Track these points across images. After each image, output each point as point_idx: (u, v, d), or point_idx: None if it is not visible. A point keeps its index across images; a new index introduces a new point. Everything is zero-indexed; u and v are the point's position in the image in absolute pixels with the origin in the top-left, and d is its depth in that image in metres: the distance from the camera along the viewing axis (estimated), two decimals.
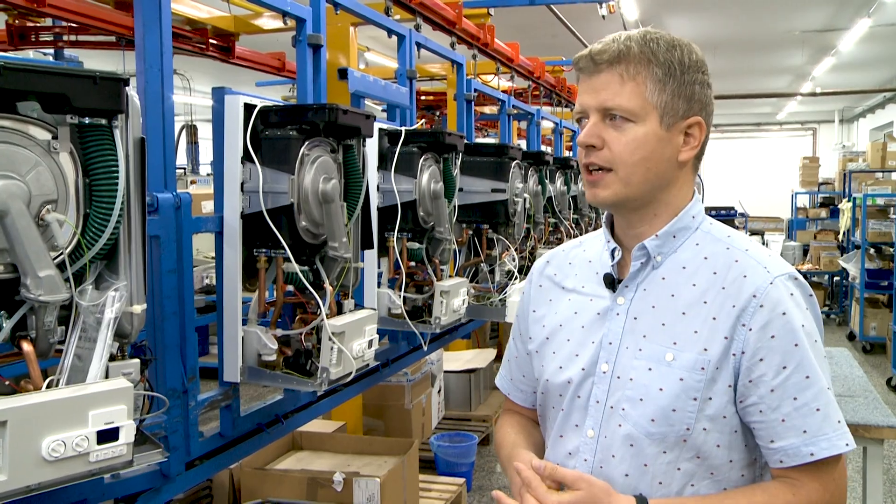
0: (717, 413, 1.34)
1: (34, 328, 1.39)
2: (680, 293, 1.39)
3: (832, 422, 1.31)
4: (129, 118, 1.47)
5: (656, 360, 1.37)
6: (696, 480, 1.37)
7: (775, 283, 1.34)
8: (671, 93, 1.36)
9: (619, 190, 1.39)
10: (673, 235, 1.42)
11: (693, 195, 1.47)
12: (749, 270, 1.36)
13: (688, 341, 1.36)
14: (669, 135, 1.38)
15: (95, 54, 5.44)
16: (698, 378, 1.34)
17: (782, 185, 18.96)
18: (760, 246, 1.44)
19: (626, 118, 1.36)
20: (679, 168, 1.41)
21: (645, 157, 1.37)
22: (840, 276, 11.10)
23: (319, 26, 2.55)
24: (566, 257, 1.61)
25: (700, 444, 1.35)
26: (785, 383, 1.31)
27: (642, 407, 1.37)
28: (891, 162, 11.23)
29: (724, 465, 1.37)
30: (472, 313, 3.36)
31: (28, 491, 1.30)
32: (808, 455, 1.30)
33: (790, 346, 1.31)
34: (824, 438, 1.30)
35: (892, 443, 5.62)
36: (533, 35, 9.65)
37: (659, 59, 1.36)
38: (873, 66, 14.49)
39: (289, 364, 2.11)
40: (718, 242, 1.42)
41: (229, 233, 2.06)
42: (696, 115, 1.39)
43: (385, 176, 2.74)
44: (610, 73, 1.37)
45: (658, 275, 1.42)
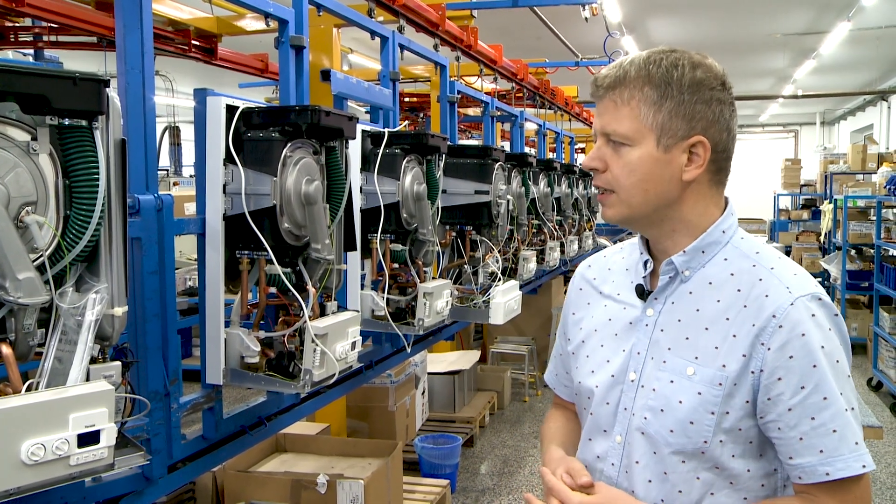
0: (732, 427, 1.37)
1: (13, 331, 1.38)
2: (705, 308, 1.42)
3: (849, 443, 1.32)
4: (110, 119, 1.46)
5: (678, 373, 1.40)
6: (716, 489, 1.40)
7: (796, 304, 1.35)
8: (668, 114, 1.38)
9: (622, 209, 1.44)
10: (702, 251, 1.45)
11: (724, 209, 1.48)
12: (771, 290, 1.38)
13: (708, 356, 1.38)
14: (668, 156, 1.39)
15: (76, 55, 5.41)
16: (716, 393, 1.36)
17: (764, 187, 19.12)
18: (788, 263, 1.44)
19: (623, 142, 1.40)
20: (685, 187, 1.42)
21: (642, 179, 1.40)
22: (821, 277, 11.18)
23: (302, 28, 2.55)
24: (606, 263, 1.65)
25: (718, 455, 1.38)
26: (803, 403, 1.33)
27: (663, 417, 1.41)
28: (871, 164, 11.35)
29: (742, 475, 1.39)
30: (456, 315, 3.36)
31: (7, 495, 1.29)
32: (824, 474, 1.32)
33: (808, 367, 1.32)
34: (840, 459, 1.32)
35: (872, 443, 5.66)
36: (517, 37, 9.68)
37: (654, 80, 1.38)
38: (854, 69, 14.63)
39: (272, 366, 2.10)
40: (746, 259, 1.44)
41: (212, 235, 2.05)
42: (699, 134, 1.39)
43: (368, 178, 2.74)
44: (608, 99, 1.42)
45: (686, 289, 1.45)
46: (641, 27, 10.97)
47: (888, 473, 5.61)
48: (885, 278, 7.71)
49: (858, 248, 9.41)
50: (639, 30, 10.99)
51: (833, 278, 9.83)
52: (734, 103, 1.45)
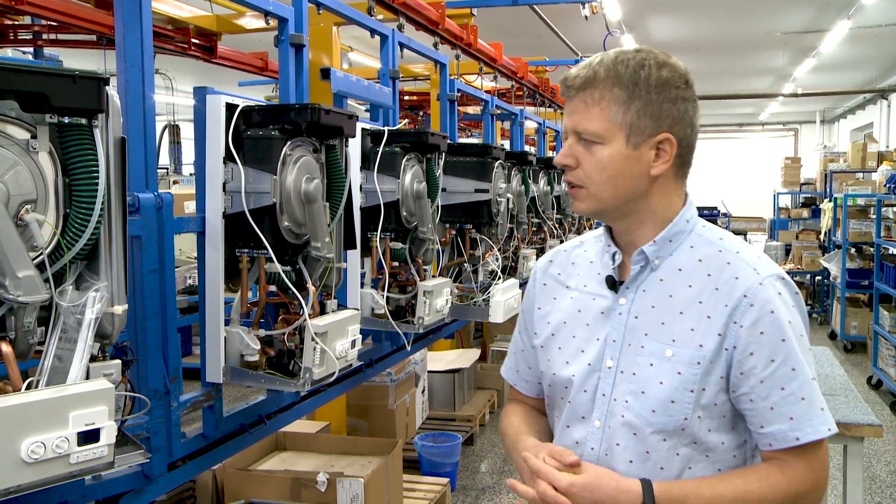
0: (709, 402, 1.46)
1: (13, 329, 1.38)
2: (677, 294, 1.50)
3: (816, 409, 1.44)
4: (110, 118, 1.46)
5: (657, 357, 1.48)
6: (694, 463, 1.49)
7: (764, 284, 1.45)
8: (636, 113, 1.45)
9: (592, 203, 1.51)
10: (669, 240, 1.53)
11: (685, 201, 1.57)
12: (740, 272, 1.47)
13: (685, 338, 1.47)
14: (638, 152, 1.47)
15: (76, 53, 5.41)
16: (694, 372, 1.45)
17: (764, 186, 19.10)
18: (750, 247, 1.54)
19: (594, 140, 1.47)
20: (653, 181, 1.50)
21: (612, 176, 1.48)
22: (821, 275, 11.19)
23: (302, 26, 2.54)
24: (569, 257, 1.70)
25: (696, 430, 1.46)
26: (773, 375, 1.43)
27: (644, 399, 1.48)
28: (871, 162, 11.33)
29: (717, 448, 1.49)
30: (456, 313, 3.36)
31: (7, 494, 1.29)
32: (795, 439, 1.42)
33: (778, 341, 1.43)
34: (809, 424, 1.42)
35: (872, 441, 5.67)
36: (516, 35, 9.67)
37: (623, 81, 1.45)
38: (853, 68, 14.62)
39: (272, 364, 2.10)
40: (711, 245, 1.53)
41: (211, 233, 2.05)
42: (666, 132, 1.47)
43: (368, 176, 2.74)
44: (579, 99, 1.48)
45: (656, 276, 1.52)
46: (641, 25, 10.96)
47: (888, 472, 5.61)
48: (884, 276, 7.71)
49: (858, 247, 9.41)
50: (638, 28, 10.98)
51: (833, 277, 9.83)
52: (697, 100, 1.53)
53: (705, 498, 1.42)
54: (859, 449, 3.13)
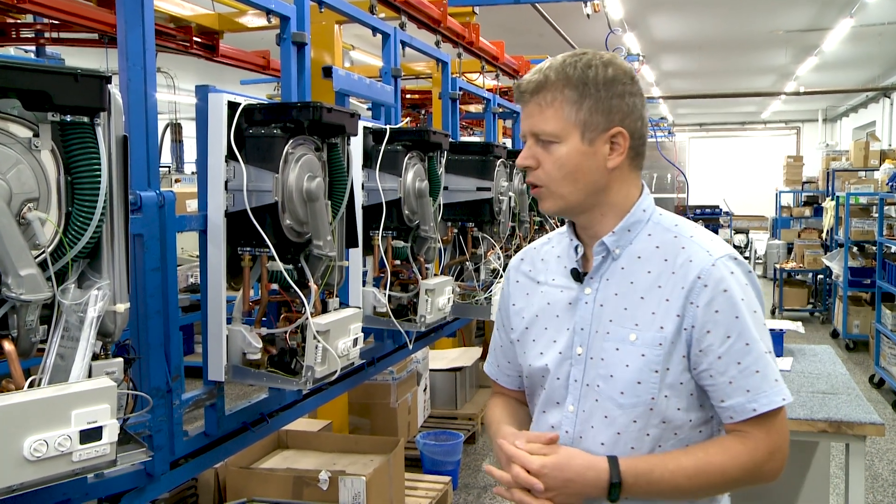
0: (674, 381, 1.53)
1: (16, 327, 1.38)
2: (638, 280, 1.57)
3: (770, 381, 1.51)
4: (112, 116, 1.47)
5: (622, 341, 1.55)
6: (663, 441, 1.56)
7: (717, 265, 1.52)
8: (588, 110, 1.53)
9: (556, 201, 1.59)
10: (628, 230, 1.60)
11: (641, 191, 1.64)
12: (694, 255, 1.54)
13: (647, 322, 1.54)
14: (593, 148, 1.55)
15: (78, 52, 5.40)
16: (657, 353, 1.52)
17: (766, 184, 19.08)
18: (704, 231, 1.62)
19: (551, 140, 1.55)
20: (610, 173, 1.57)
21: (571, 172, 1.55)
22: (823, 274, 11.17)
23: (304, 24, 2.54)
24: (538, 254, 1.78)
25: (664, 409, 1.54)
26: (729, 350, 1.50)
27: (613, 382, 1.55)
28: (873, 161, 11.32)
29: (685, 425, 1.56)
30: (458, 312, 3.36)
31: (10, 491, 1.29)
32: (752, 410, 1.50)
33: (732, 319, 1.50)
34: (763, 395, 1.50)
35: (874, 439, 5.67)
36: (518, 34, 9.66)
37: (573, 81, 1.53)
38: (856, 66, 14.59)
39: (273, 363, 2.10)
40: (667, 231, 1.60)
41: (213, 231, 2.05)
42: (617, 126, 1.54)
43: (370, 174, 2.74)
44: (533, 103, 1.56)
45: (618, 265, 1.60)
46: (643, 24, 10.95)
47: (890, 471, 5.61)
48: (887, 275, 7.70)
49: (860, 245, 9.40)
50: (640, 26, 10.97)
51: (835, 275, 9.82)
52: (643, 94, 1.60)
53: (669, 470, 1.50)
54: (861, 448, 3.13)
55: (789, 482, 3.72)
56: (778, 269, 11.68)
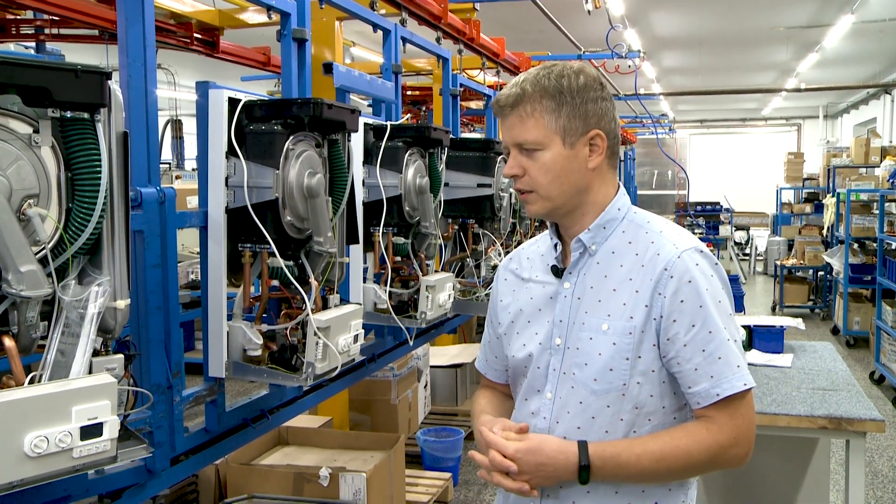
0: (646, 368, 1.61)
1: (16, 323, 1.38)
2: (611, 274, 1.67)
3: (732, 367, 1.58)
4: (112, 112, 1.47)
5: (595, 331, 1.64)
6: (637, 427, 1.63)
7: (682, 257, 1.61)
8: (567, 116, 1.63)
9: (544, 204, 1.68)
10: (603, 227, 1.70)
11: (617, 190, 1.74)
12: (661, 248, 1.64)
13: (618, 312, 1.63)
14: (574, 151, 1.65)
15: (78, 48, 5.40)
16: (627, 342, 1.61)
17: (767, 181, 19.08)
18: (674, 226, 1.72)
19: (535, 148, 1.64)
20: (591, 173, 1.67)
21: (557, 175, 1.65)
22: (824, 270, 11.17)
23: (304, 20, 2.54)
24: (524, 253, 1.89)
25: (636, 395, 1.62)
26: (694, 338, 1.58)
27: (587, 370, 1.64)
28: (874, 157, 11.32)
29: (658, 412, 1.64)
30: (458, 308, 3.36)
31: (11, 487, 1.29)
32: (715, 395, 1.58)
33: (696, 308, 1.59)
34: (726, 381, 1.58)
35: (874, 436, 5.67)
36: (519, 30, 9.65)
37: (549, 91, 1.63)
38: (857, 62, 14.57)
39: (274, 359, 2.10)
40: (640, 228, 1.69)
41: (214, 228, 2.05)
42: (595, 128, 1.65)
43: (370, 171, 2.74)
44: (514, 116, 1.66)
45: (594, 260, 1.69)
46: (644, 20, 10.93)
47: (890, 467, 5.61)
48: (887, 272, 7.70)
49: (861, 242, 9.40)
50: (641, 23, 10.96)
51: (836, 272, 9.81)
52: (612, 98, 1.71)
53: (636, 454, 1.58)
54: (861, 444, 3.13)
55: (790, 478, 3.72)
56: (778, 265, 11.67)
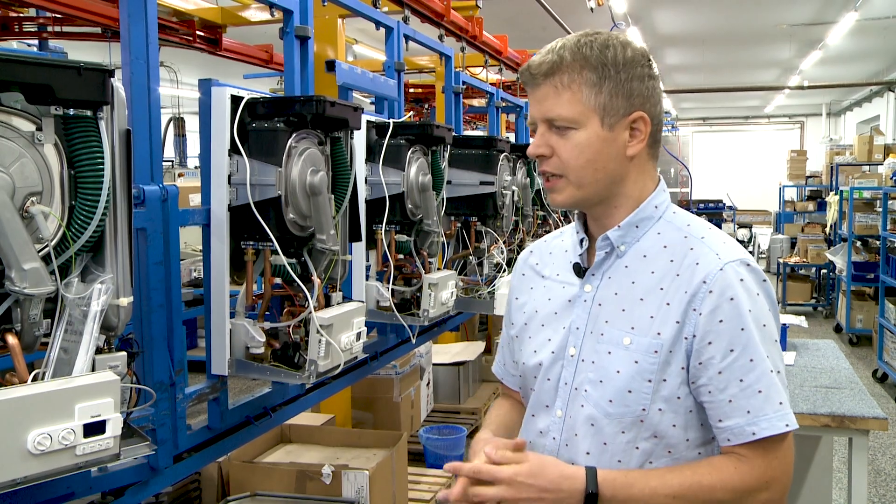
0: (671, 394, 1.41)
1: (19, 321, 1.38)
2: (640, 280, 1.46)
3: (773, 403, 1.37)
4: (115, 110, 1.46)
5: (615, 344, 1.44)
6: (654, 458, 1.43)
7: (725, 270, 1.40)
8: (608, 93, 1.42)
9: (573, 192, 1.47)
10: (636, 225, 1.49)
11: (657, 185, 1.53)
12: (702, 258, 1.42)
13: (644, 326, 1.42)
14: (613, 134, 1.43)
15: (81, 45, 5.40)
16: (652, 361, 1.40)
17: (770, 179, 19.04)
18: (718, 233, 1.49)
19: (569, 126, 1.43)
20: (629, 162, 1.47)
21: (591, 160, 1.44)
22: (827, 268, 11.16)
23: (307, 18, 2.54)
24: (547, 247, 1.69)
25: (656, 423, 1.42)
26: (732, 366, 1.37)
27: (602, 388, 1.44)
28: (877, 155, 11.28)
29: (680, 444, 1.43)
30: (461, 306, 3.36)
31: (14, 484, 1.29)
32: (751, 434, 1.37)
33: (737, 331, 1.37)
34: (765, 419, 1.36)
35: (877, 434, 5.66)
36: (522, 27, 9.64)
37: (591, 62, 1.41)
38: (860, 60, 14.56)
39: (277, 357, 2.10)
40: (678, 231, 1.48)
41: (216, 225, 2.05)
42: (638, 110, 1.44)
43: (373, 168, 2.74)
44: (547, 86, 1.44)
45: (622, 263, 1.49)
46: (647, 18, 10.93)
47: (893, 465, 5.61)
48: (890, 270, 7.68)
49: (864, 240, 9.38)
50: (644, 20, 10.95)
51: (838, 270, 9.80)
52: (659, 78, 1.50)
53: (651, 486, 1.37)
54: (864, 442, 3.13)
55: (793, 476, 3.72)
56: (781, 263, 11.67)
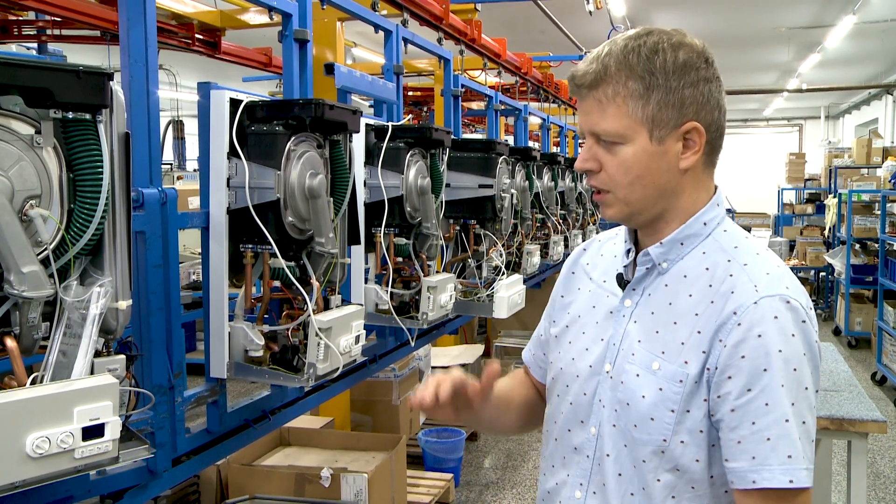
0: (694, 427, 1.33)
1: (18, 324, 1.38)
2: (677, 302, 1.38)
3: (780, 455, 1.27)
4: (114, 113, 1.46)
5: (644, 367, 1.37)
6: (678, 493, 1.36)
7: (759, 304, 1.30)
8: (657, 105, 1.32)
9: (622, 208, 1.40)
10: (680, 242, 1.40)
11: (711, 197, 1.43)
12: (738, 287, 1.33)
13: (674, 352, 1.35)
14: (664, 147, 1.34)
15: (79, 49, 5.40)
16: (676, 390, 1.33)
17: (769, 181, 19.07)
18: (766, 261, 1.38)
19: (615, 141, 1.35)
20: (683, 175, 1.37)
21: (639, 176, 1.35)
22: (826, 271, 11.18)
23: (306, 21, 2.54)
24: (600, 248, 1.61)
25: (678, 456, 1.34)
26: (746, 406, 1.28)
27: (628, 411, 1.38)
28: (876, 158, 11.32)
29: (704, 481, 1.35)
30: (460, 309, 3.36)
31: (13, 488, 1.29)
32: (751, 482, 1.28)
33: (758, 370, 1.28)
34: (767, 469, 1.27)
35: (876, 437, 5.66)
36: (521, 31, 9.66)
37: (637, 72, 1.32)
38: (859, 63, 14.58)
39: (276, 360, 2.10)
40: (724, 253, 1.39)
41: (215, 228, 2.05)
42: (692, 120, 1.34)
43: (372, 171, 2.74)
44: (592, 98, 1.36)
45: (662, 281, 1.41)
46: (646, 20, 10.93)
47: (892, 468, 5.60)
48: (889, 273, 7.69)
49: (863, 243, 9.39)
50: (643, 23, 10.92)
51: (837, 272, 9.81)
52: (720, 78, 1.39)
53: None
54: (863, 445, 3.13)
55: None
56: None
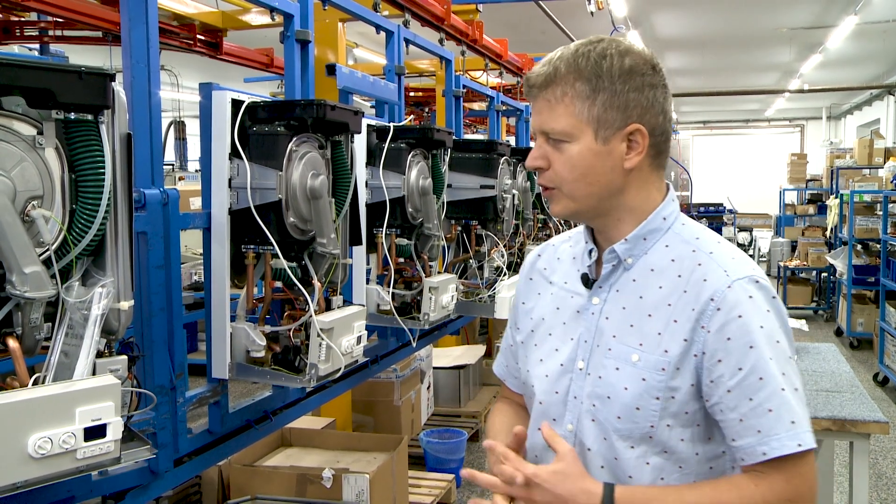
0: (679, 410, 1.40)
1: (20, 325, 1.38)
2: (647, 295, 1.44)
3: (784, 422, 1.33)
4: (116, 113, 1.47)
5: (623, 360, 1.43)
6: (666, 474, 1.42)
7: (733, 287, 1.38)
8: (602, 106, 1.39)
9: (568, 204, 1.46)
10: (643, 238, 1.47)
11: (665, 196, 1.50)
12: (710, 274, 1.40)
13: (652, 343, 1.41)
14: (608, 147, 1.41)
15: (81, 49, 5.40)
16: (659, 378, 1.39)
17: (770, 182, 19.05)
18: (727, 248, 1.46)
19: (562, 139, 1.42)
20: (627, 174, 1.44)
21: (583, 174, 1.42)
22: (827, 272, 11.16)
23: (307, 22, 2.54)
24: (555, 252, 1.66)
25: (665, 439, 1.41)
26: (741, 384, 1.35)
27: (610, 405, 1.43)
28: (877, 158, 11.31)
29: (690, 459, 1.42)
30: (461, 309, 3.36)
31: (14, 488, 1.29)
32: (761, 454, 1.34)
33: (745, 349, 1.35)
34: (776, 438, 1.33)
35: (878, 437, 5.65)
36: (522, 31, 9.65)
37: (584, 75, 1.39)
38: (860, 63, 14.57)
39: (277, 360, 2.10)
40: (686, 244, 1.46)
41: (217, 229, 2.05)
42: (635, 123, 1.41)
43: (373, 172, 2.74)
44: (542, 98, 1.44)
45: (629, 276, 1.47)
46: (647, 21, 10.94)
47: (894, 469, 5.60)
48: (891, 273, 7.68)
49: (865, 243, 9.38)
50: (644, 24, 10.96)
51: (839, 273, 9.80)
52: (667, 85, 1.45)
53: (668, 503, 1.36)
54: (865, 446, 3.13)
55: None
56: (782, 267, 11.67)
